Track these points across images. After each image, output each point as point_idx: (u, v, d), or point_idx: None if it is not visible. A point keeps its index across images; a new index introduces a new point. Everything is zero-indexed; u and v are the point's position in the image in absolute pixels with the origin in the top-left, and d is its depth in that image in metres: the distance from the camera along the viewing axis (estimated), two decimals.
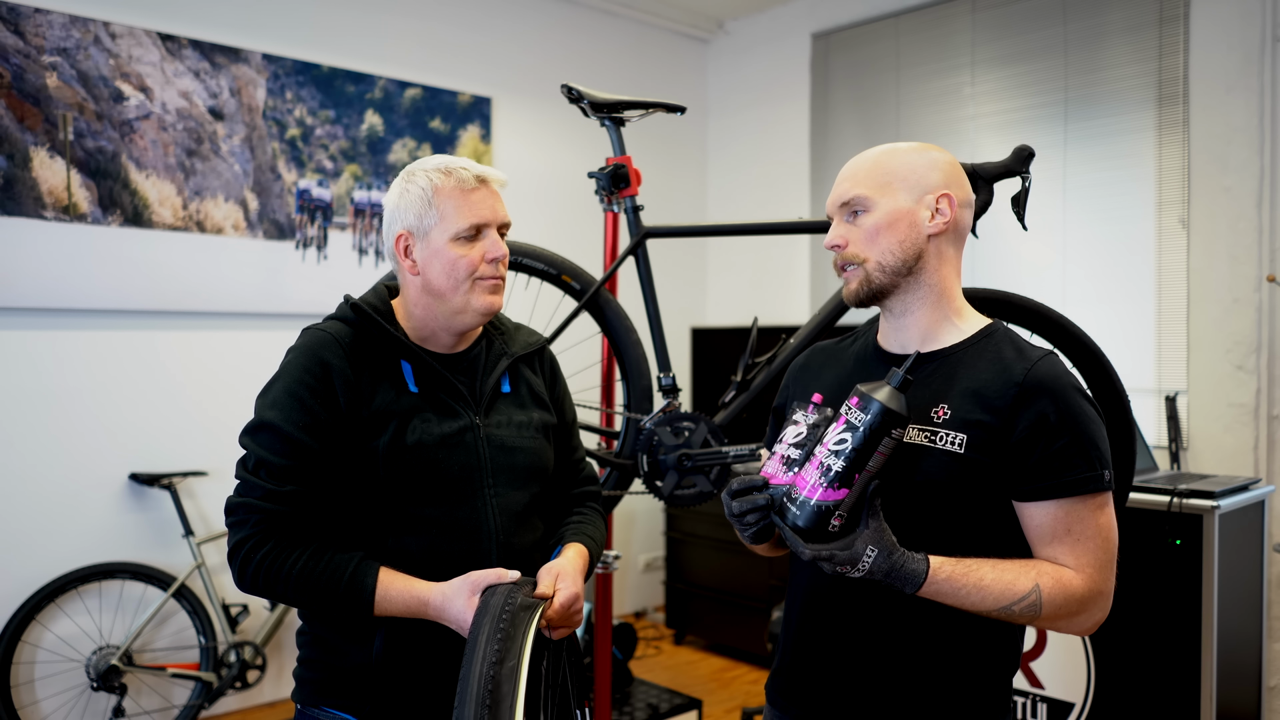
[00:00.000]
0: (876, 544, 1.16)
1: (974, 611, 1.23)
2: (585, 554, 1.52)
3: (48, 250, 3.17)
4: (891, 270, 1.31)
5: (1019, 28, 3.91)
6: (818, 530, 1.17)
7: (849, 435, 1.15)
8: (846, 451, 1.15)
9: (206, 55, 3.48)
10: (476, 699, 1.16)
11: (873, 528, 1.17)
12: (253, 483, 1.35)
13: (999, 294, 1.94)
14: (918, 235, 1.31)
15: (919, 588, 1.19)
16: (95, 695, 3.23)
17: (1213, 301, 3.38)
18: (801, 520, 1.17)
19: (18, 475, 3.16)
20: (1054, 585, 1.22)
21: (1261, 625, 2.61)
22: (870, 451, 1.15)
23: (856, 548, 1.16)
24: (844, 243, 1.34)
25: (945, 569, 1.20)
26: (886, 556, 1.17)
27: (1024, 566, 1.24)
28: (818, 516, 1.16)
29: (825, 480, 1.15)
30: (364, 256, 3.89)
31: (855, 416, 1.15)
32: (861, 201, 1.32)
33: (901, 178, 1.31)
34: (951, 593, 1.20)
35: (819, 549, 1.16)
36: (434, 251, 1.43)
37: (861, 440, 1.14)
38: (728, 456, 2.21)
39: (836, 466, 1.15)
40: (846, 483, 1.15)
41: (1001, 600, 1.21)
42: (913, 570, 1.18)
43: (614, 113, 2.31)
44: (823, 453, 1.17)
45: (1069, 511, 1.24)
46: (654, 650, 4.37)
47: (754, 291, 4.96)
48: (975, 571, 1.21)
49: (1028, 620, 1.24)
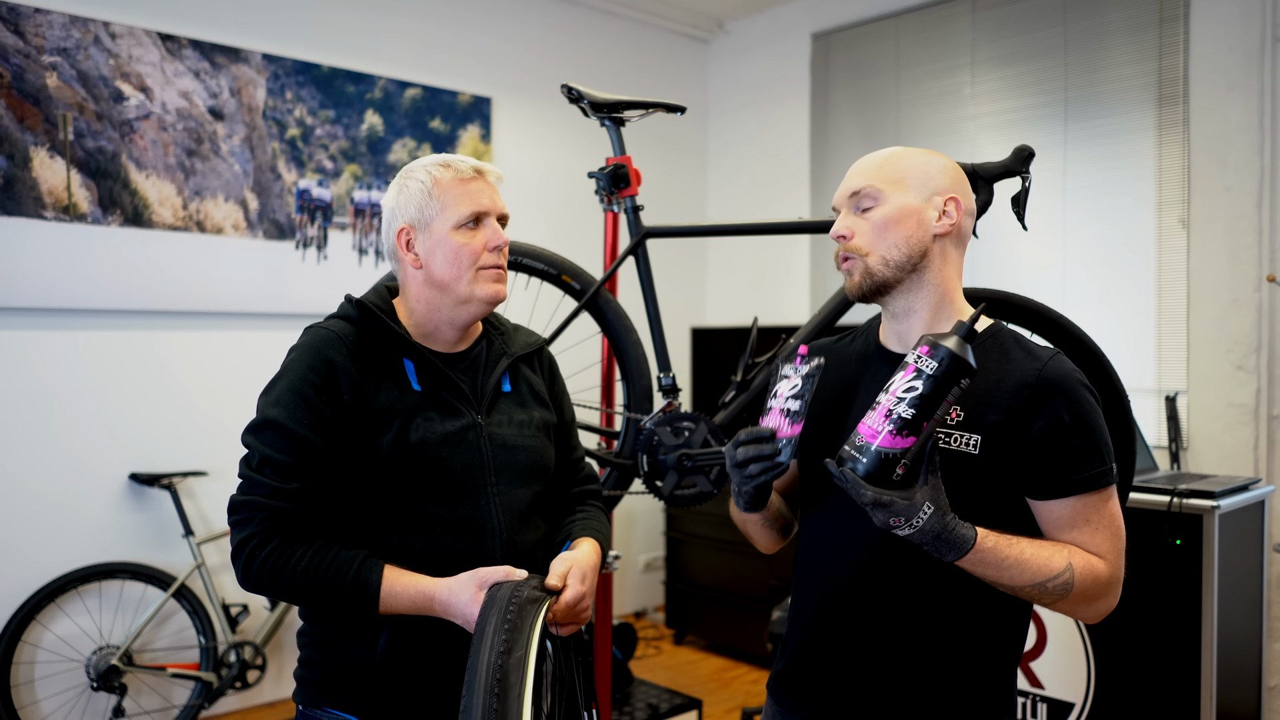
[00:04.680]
0: (934, 502, 1.15)
1: (1007, 586, 1.23)
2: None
3: (48, 250, 3.17)
4: (895, 265, 1.31)
5: (1019, 28, 3.91)
6: (880, 478, 1.15)
7: (919, 383, 1.12)
8: (914, 399, 1.12)
9: (206, 55, 3.48)
10: (485, 687, 1.15)
11: (931, 484, 1.16)
12: (257, 480, 1.35)
13: (999, 294, 1.94)
14: (924, 234, 1.31)
15: (963, 555, 1.18)
16: (95, 695, 3.23)
17: (1213, 301, 3.39)
18: (865, 466, 1.15)
19: (18, 475, 3.16)
20: (1085, 566, 1.24)
21: (1261, 625, 2.61)
22: (939, 400, 1.12)
23: (917, 499, 1.14)
24: (850, 234, 1.34)
25: (990, 539, 1.20)
26: (940, 517, 1.16)
27: (1058, 546, 1.25)
28: (882, 463, 1.14)
29: (893, 426, 1.13)
30: (364, 256, 3.89)
31: (925, 364, 1.13)
32: (872, 194, 1.32)
33: (913, 176, 1.33)
34: (995, 563, 1.20)
35: (881, 493, 1.14)
36: (437, 241, 1.44)
37: (931, 387, 1.12)
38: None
39: (905, 414, 1.12)
40: (915, 430, 1.13)
41: (1039, 576, 1.22)
42: (961, 535, 1.17)
43: (614, 113, 2.31)
44: (889, 400, 1.14)
45: (1085, 504, 1.26)
46: (654, 650, 4.37)
47: (754, 291, 4.96)
48: (1017, 544, 1.22)
49: (1055, 599, 1.24)
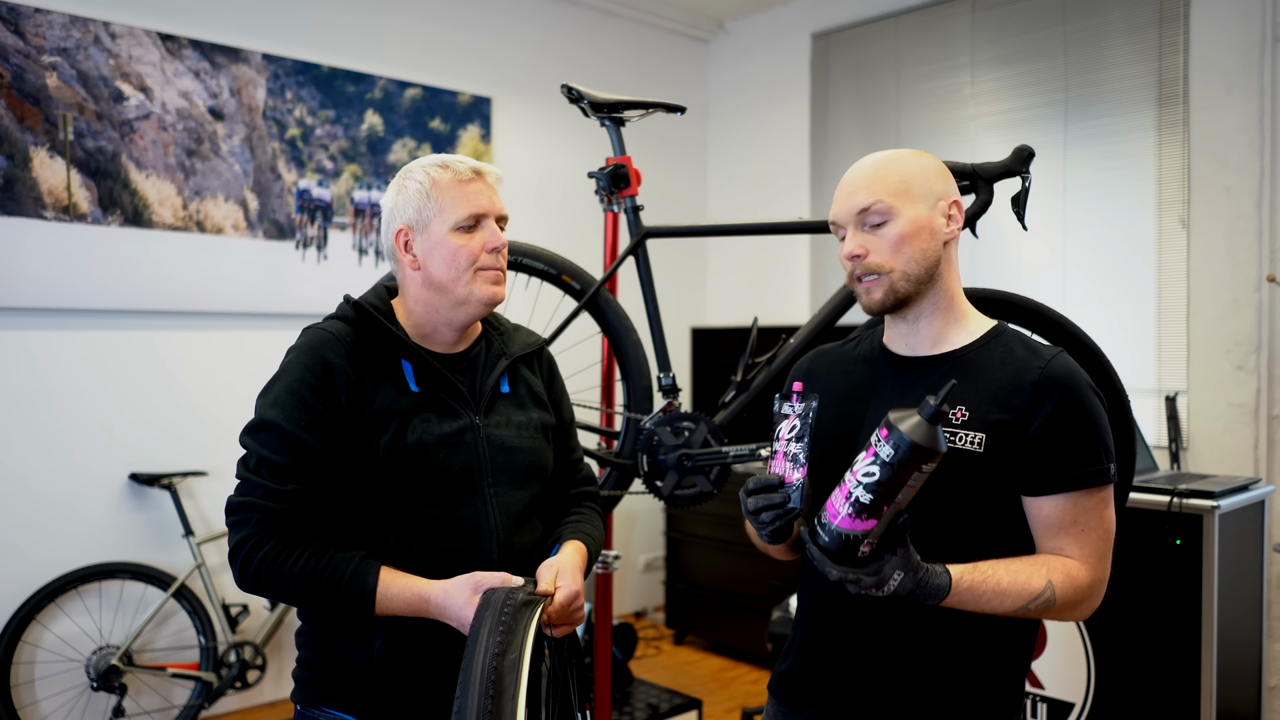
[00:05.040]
0: (904, 567, 1.16)
1: (990, 613, 1.25)
2: (584, 551, 1.52)
3: (48, 250, 3.17)
4: (916, 279, 1.31)
5: (1019, 28, 3.91)
6: (845, 555, 1.16)
7: (876, 469, 1.10)
8: (873, 484, 1.11)
9: (206, 55, 3.48)
10: (480, 688, 1.16)
11: (900, 554, 1.16)
12: (254, 482, 1.35)
13: (999, 294, 1.94)
14: (937, 243, 1.31)
15: (942, 600, 1.20)
16: (95, 695, 3.23)
17: (1213, 301, 3.38)
18: (829, 545, 1.16)
19: (18, 475, 3.16)
20: (1064, 580, 1.25)
21: (1261, 625, 2.61)
22: (898, 486, 1.11)
23: (884, 573, 1.16)
24: (864, 252, 1.32)
25: (965, 579, 1.21)
26: (912, 577, 1.17)
27: (1035, 565, 1.26)
28: (844, 544, 1.15)
29: (853, 510, 1.13)
30: (364, 256, 3.89)
31: (883, 450, 1.10)
32: (882, 210, 1.30)
33: (917, 185, 1.31)
34: (973, 600, 1.22)
35: (845, 572, 1.16)
36: (435, 243, 1.44)
37: (889, 475, 1.10)
38: (728, 456, 2.21)
39: (864, 498, 1.12)
40: (874, 514, 1.12)
41: (1019, 601, 1.23)
42: (936, 585, 1.19)
43: (614, 113, 2.31)
44: (851, 481, 1.13)
45: (1076, 504, 1.26)
46: (654, 650, 4.36)
47: (754, 291, 4.96)
48: (992, 577, 1.23)
49: (1040, 615, 1.26)
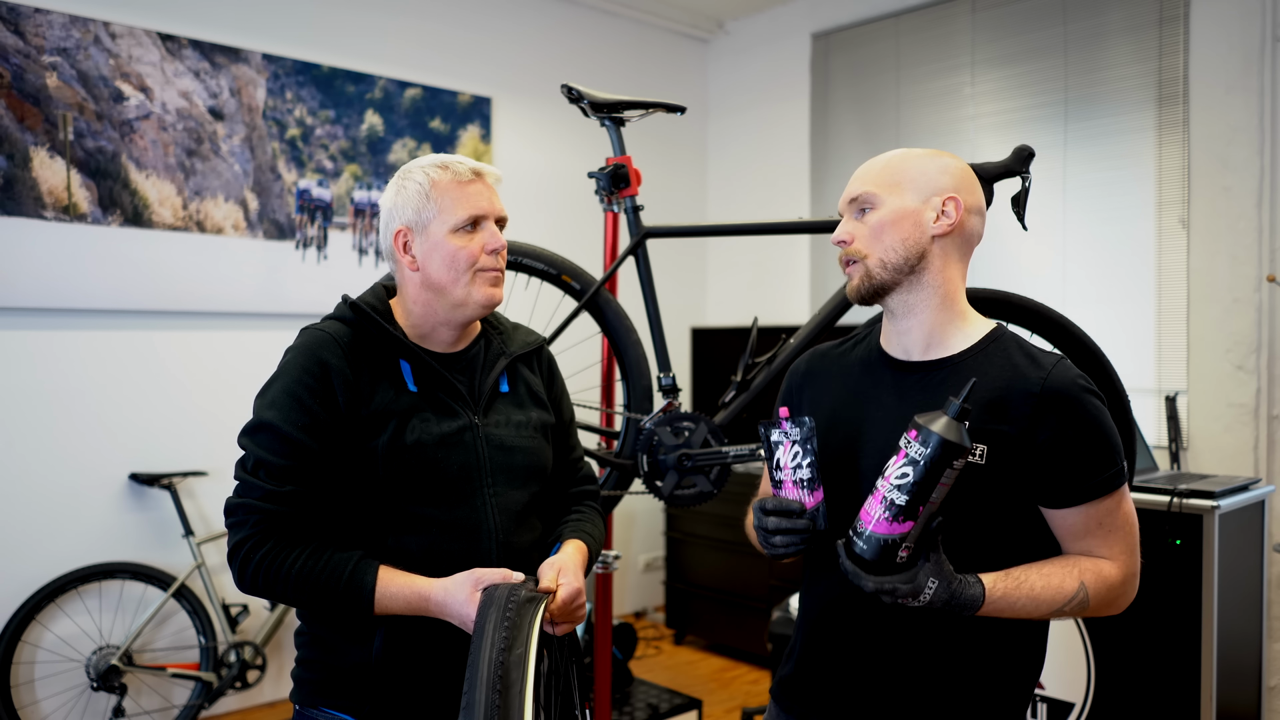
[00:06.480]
0: (937, 575, 1.18)
1: (1025, 618, 1.27)
2: (585, 550, 1.52)
3: (48, 250, 3.17)
4: (893, 267, 1.32)
5: (1019, 28, 3.91)
6: (883, 563, 1.17)
7: (910, 469, 1.13)
8: (908, 485, 1.13)
9: (206, 55, 3.48)
10: (487, 683, 1.16)
11: (934, 560, 1.18)
12: (252, 483, 1.35)
13: (999, 294, 1.93)
14: (921, 234, 1.32)
15: (977, 611, 1.21)
16: (95, 695, 3.23)
17: (1213, 301, 3.38)
18: (868, 553, 1.17)
19: (18, 475, 3.16)
20: (1096, 580, 1.27)
21: (1261, 625, 2.61)
22: (932, 484, 1.13)
23: (919, 580, 1.17)
24: (849, 238, 1.36)
25: (999, 587, 1.22)
26: (946, 586, 1.18)
27: (1066, 567, 1.27)
28: (883, 549, 1.16)
29: (889, 514, 1.15)
30: (364, 256, 3.89)
31: (915, 450, 1.14)
32: (869, 199, 1.34)
33: (910, 179, 1.34)
34: (1008, 608, 1.23)
35: (882, 581, 1.17)
36: (433, 244, 1.44)
37: (923, 474, 1.13)
38: (728, 456, 2.21)
39: (899, 500, 1.14)
40: (911, 515, 1.15)
41: (1054, 604, 1.25)
42: (971, 596, 1.20)
43: (614, 113, 2.31)
44: (885, 486, 1.16)
45: (1099, 508, 1.28)
46: (654, 650, 4.37)
47: (754, 291, 4.96)
48: (1026, 583, 1.24)
49: (1076, 614, 1.28)
